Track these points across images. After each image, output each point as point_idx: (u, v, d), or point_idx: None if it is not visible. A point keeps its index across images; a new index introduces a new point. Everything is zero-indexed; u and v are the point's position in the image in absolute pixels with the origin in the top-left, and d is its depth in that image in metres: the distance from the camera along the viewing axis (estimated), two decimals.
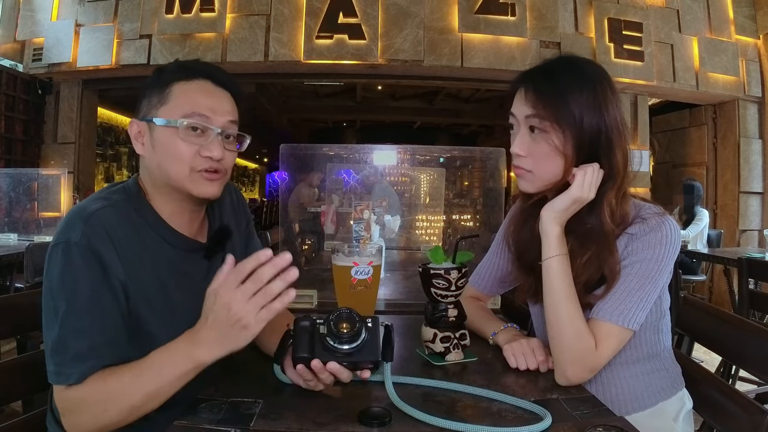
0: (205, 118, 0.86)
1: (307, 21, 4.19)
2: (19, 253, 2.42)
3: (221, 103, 0.89)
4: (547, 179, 0.93)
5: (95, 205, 0.83)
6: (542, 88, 0.91)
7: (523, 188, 0.97)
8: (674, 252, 0.90)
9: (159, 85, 0.88)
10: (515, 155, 0.95)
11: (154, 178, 0.89)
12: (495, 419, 0.70)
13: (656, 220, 0.91)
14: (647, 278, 0.88)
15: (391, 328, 0.78)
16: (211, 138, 0.86)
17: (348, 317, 0.74)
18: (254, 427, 0.67)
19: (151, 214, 0.88)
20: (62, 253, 0.78)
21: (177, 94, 0.86)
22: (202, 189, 0.87)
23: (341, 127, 11.14)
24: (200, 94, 0.87)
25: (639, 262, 0.89)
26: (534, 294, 1.03)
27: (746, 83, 4.66)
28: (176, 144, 0.85)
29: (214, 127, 0.86)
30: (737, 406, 0.90)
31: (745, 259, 2.37)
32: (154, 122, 0.86)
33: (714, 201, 4.92)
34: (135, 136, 0.89)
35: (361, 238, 1.73)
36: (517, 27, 4.25)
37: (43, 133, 4.60)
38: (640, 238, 0.90)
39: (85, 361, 0.75)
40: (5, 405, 1.21)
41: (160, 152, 0.86)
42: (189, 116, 0.85)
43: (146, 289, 0.84)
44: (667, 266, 0.90)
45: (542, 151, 0.91)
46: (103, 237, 0.79)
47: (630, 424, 0.68)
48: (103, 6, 4.36)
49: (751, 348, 0.96)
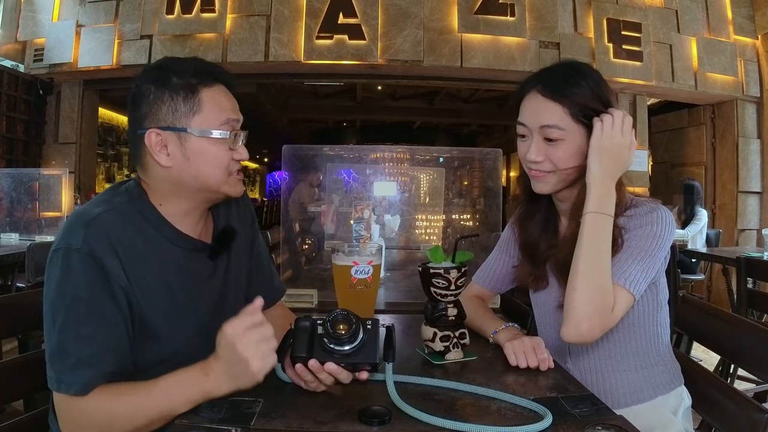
0: (236, 122, 0.89)
1: (307, 21, 4.19)
2: (21, 253, 2.42)
3: (236, 105, 0.91)
4: (568, 178, 0.97)
5: (97, 209, 0.82)
6: (551, 95, 0.93)
7: (540, 190, 0.99)
8: (669, 233, 0.93)
9: (182, 90, 0.85)
10: (531, 162, 0.97)
11: (178, 185, 0.87)
12: (495, 418, 0.70)
13: (650, 206, 0.95)
14: (646, 251, 0.91)
15: (393, 330, 0.78)
16: (239, 142, 0.89)
17: (345, 319, 0.75)
18: (255, 425, 0.67)
19: (155, 215, 0.88)
20: (62, 258, 0.77)
21: (207, 101, 0.86)
22: (236, 189, 0.91)
23: (341, 127, 11.14)
24: (225, 99, 0.89)
25: (637, 237, 0.92)
26: (537, 281, 1.06)
27: (744, 83, 4.67)
28: (215, 152, 0.86)
29: (241, 131, 0.89)
30: (736, 405, 0.90)
31: (743, 258, 2.38)
32: (190, 132, 0.85)
33: (712, 200, 4.93)
34: (157, 147, 0.85)
35: (361, 238, 1.74)
36: (517, 27, 4.26)
37: (45, 133, 4.60)
38: (635, 219, 0.94)
39: (86, 369, 0.74)
40: (6, 404, 1.21)
41: (198, 161, 0.86)
42: (225, 123, 0.87)
43: (151, 290, 0.84)
44: (664, 244, 0.92)
45: (561, 156, 0.94)
46: (105, 243, 0.79)
47: (629, 422, 0.68)
48: (104, 6, 4.36)
49: (750, 347, 0.96)
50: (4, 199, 3.27)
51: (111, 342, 0.77)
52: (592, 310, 0.86)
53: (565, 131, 0.93)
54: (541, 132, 0.95)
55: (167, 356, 0.85)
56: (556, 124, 0.93)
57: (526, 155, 0.97)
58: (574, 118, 0.92)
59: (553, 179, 0.97)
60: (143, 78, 0.87)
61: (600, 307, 0.87)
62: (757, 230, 4.64)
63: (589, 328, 0.86)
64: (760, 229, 4.40)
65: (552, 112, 0.93)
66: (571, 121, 0.93)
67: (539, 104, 0.94)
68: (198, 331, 0.90)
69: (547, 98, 0.93)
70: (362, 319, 0.76)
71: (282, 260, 2.12)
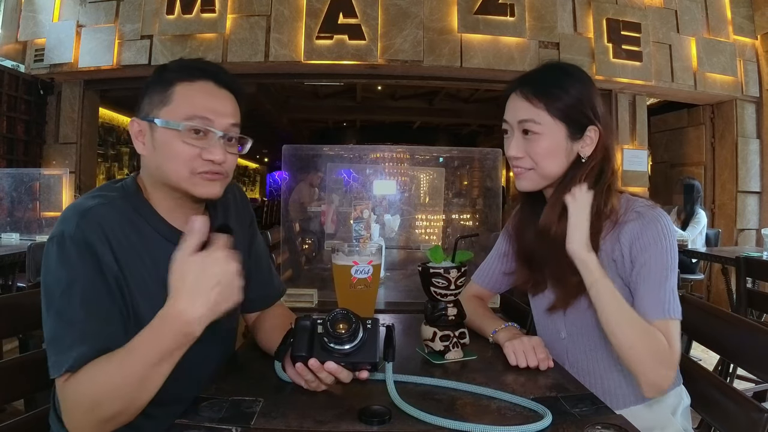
0: (207, 120, 0.85)
1: (307, 21, 4.20)
2: (21, 253, 2.43)
3: (224, 105, 0.88)
4: (548, 175, 0.98)
5: (92, 201, 0.83)
6: (531, 93, 0.96)
7: (522, 187, 1.01)
8: (675, 239, 0.94)
9: (161, 84, 0.86)
10: (513, 158, 0.99)
11: (153, 177, 0.89)
12: (495, 417, 0.71)
13: (651, 213, 0.95)
14: (666, 269, 0.92)
15: (393, 329, 0.78)
16: (212, 141, 0.85)
17: (344, 318, 0.75)
18: (255, 425, 0.67)
19: (149, 211, 0.88)
20: (57, 245, 0.78)
21: (179, 94, 0.85)
22: (202, 189, 0.87)
23: (341, 127, 11.15)
24: (203, 96, 0.86)
25: (652, 259, 0.92)
26: (534, 286, 1.06)
27: (744, 83, 4.67)
28: (177, 146, 0.84)
29: (216, 130, 0.85)
30: (735, 404, 0.90)
31: (743, 258, 2.38)
32: (155, 123, 0.85)
33: (712, 200, 4.93)
34: (135, 135, 0.89)
35: (361, 238, 1.74)
36: (516, 27, 4.26)
37: (45, 133, 4.60)
38: (640, 237, 0.93)
39: (79, 347, 0.73)
40: (7, 404, 1.21)
41: (161, 153, 0.85)
42: (191, 119, 0.84)
43: (145, 284, 0.84)
44: (676, 252, 0.94)
45: (538, 151, 0.96)
46: (98, 232, 0.80)
47: (629, 422, 0.68)
48: (105, 7, 4.36)
49: (749, 346, 0.96)
50: (4, 199, 3.28)
51: (106, 325, 0.77)
52: (652, 361, 0.87)
53: (542, 125, 0.95)
54: (519, 126, 0.98)
55: None
56: (532, 118, 0.95)
57: (507, 151, 1.00)
58: (551, 114, 0.95)
59: (534, 176, 0.99)
60: (151, 75, 0.90)
61: (657, 353, 0.87)
62: (757, 230, 4.65)
63: (659, 375, 0.87)
64: (760, 229, 4.40)
65: (529, 107, 0.96)
66: (548, 117, 0.95)
67: (518, 102, 0.98)
68: None
69: (527, 94, 0.96)
70: (362, 319, 0.76)
71: (282, 260, 2.12)
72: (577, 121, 0.96)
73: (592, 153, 0.97)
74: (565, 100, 0.95)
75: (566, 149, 0.96)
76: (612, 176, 0.98)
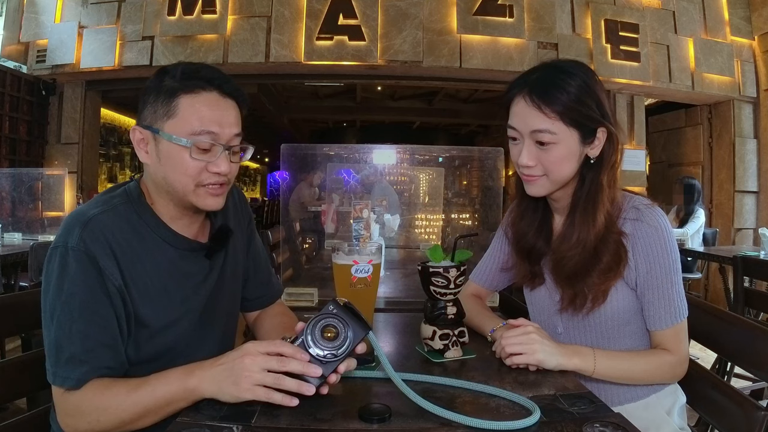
0: (213, 135, 0.85)
1: (307, 22, 4.20)
2: (24, 252, 2.44)
3: (228, 115, 0.87)
4: (560, 180, 0.96)
5: (94, 210, 0.84)
6: (542, 102, 0.91)
7: (534, 193, 0.99)
8: (673, 237, 0.96)
9: (164, 93, 0.85)
10: (524, 166, 0.96)
11: (158, 185, 0.89)
12: (493, 415, 0.71)
13: (650, 213, 0.95)
14: (672, 271, 0.94)
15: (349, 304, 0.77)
16: (218, 154, 0.86)
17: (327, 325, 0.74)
18: (256, 423, 0.67)
19: (152, 216, 0.89)
20: (59, 257, 0.79)
21: (184, 107, 0.84)
22: (206, 202, 0.88)
23: (341, 127, 11.15)
24: (207, 108, 0.85)
25: (657, 264, 0.94)
26: (531, 280, 1.07)
27: (741, 84, 4.68)
28: (183, 159, 0.84)
29: (221, 144, 0.86)
30: (733, 403, 0.91)
31: (740, 257, 2.38)
32: (161, 136, 0.84)
33: (709, 200, 4.94)
34: (138, 143, 0.88)
35: (361, 237, 1.74)
36: (515, 28, 4.27)
37: (47, 133, 4.61)
38: (640, 240, 0.94)
39: (80, 366, 0.76)
40: (10, 402, 1.22)
41: (167, 165, 0.85)
42: (198, 134, 0.84)
43: (147, 290, 0.85)
44: (677, 253, 0.96)
45: (552, 160, 0.94)
46: (101, 242, 0.80)
47: (627, 420, 0.68)
48: (106, 8, 4.37)
49: (746, 345, 0.96)
50: (7, 199, 3.28)
51: (104, 338, 0.79)
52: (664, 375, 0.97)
53: (557, 135, 0.92)
54: (532, 136, 0.93)
55: (162, 352, 0.87)
56: (548, 128, 0.91)
57: (518, 160, 0.96)
58: (565, 122, 0.91)
59: (546, 182, 0.97)
60: (151, 77, 0.89)
61: (668, 368, 0.96)
62: (754, 229, 4.66)
63: (677, 377, 0.98)
64: (757, 228, 4.41)
65: (542, 118, 0.91)
66: (563, 125, 0.91)
67: (529, 110, 0.92)
68: (192, 328, 0.91)
69: (537, 104, 0.91)
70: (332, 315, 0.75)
71: (282, 259, 2.13)
72: (589, 126, 0.93)
73: (613, 153, 0.95)
74: (578, 108, 0.91)
75: (578, 153, 0.94)
76: (614, 167, 0.97)
